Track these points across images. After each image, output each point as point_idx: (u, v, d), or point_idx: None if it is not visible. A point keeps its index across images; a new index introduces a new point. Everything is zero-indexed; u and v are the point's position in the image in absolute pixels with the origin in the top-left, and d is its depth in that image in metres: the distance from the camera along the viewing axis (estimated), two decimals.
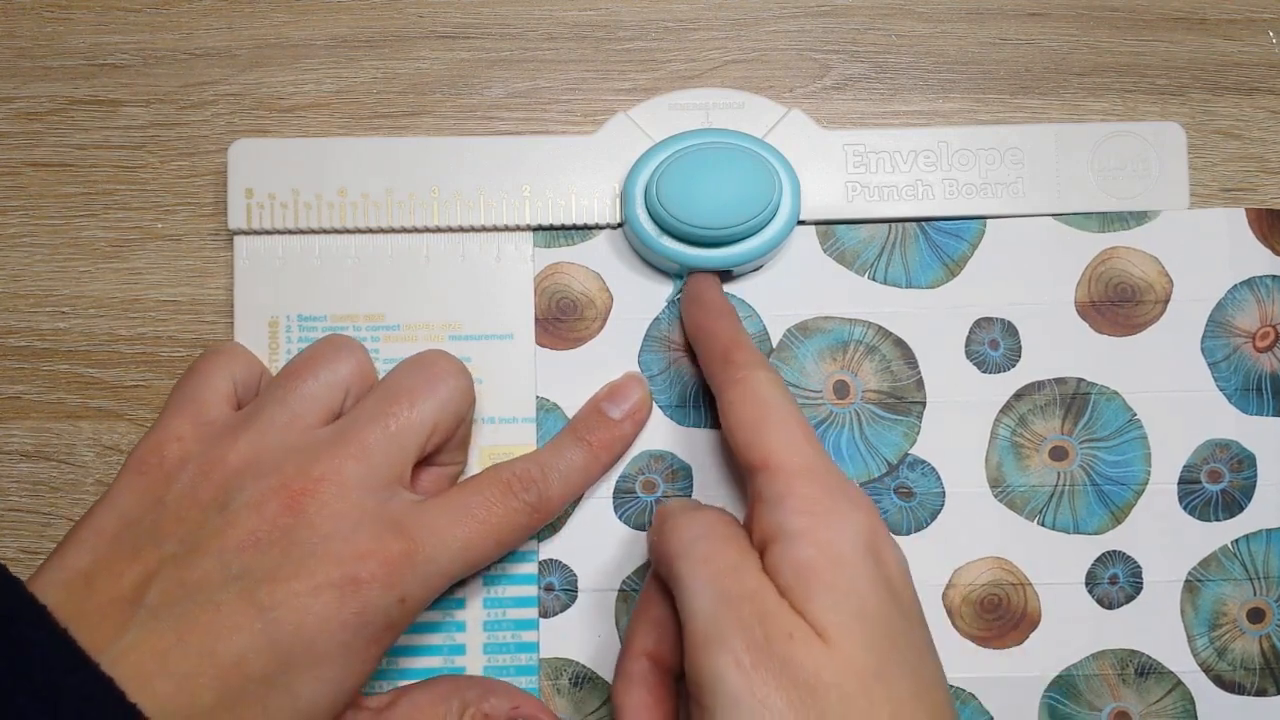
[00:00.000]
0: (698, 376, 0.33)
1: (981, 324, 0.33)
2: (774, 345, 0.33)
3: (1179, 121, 0.34)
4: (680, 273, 0.33)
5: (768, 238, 0.32)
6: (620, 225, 0.33)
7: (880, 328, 0.33)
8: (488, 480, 0.29)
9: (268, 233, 0.33)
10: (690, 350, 0.33)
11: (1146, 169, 0.33)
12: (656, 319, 0.33)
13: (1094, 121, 0.34)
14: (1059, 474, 0.33)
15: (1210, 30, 0.35)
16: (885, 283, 0.33)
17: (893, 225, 0.33)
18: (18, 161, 0.34)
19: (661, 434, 0.33)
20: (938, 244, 0.33)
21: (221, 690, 0.24)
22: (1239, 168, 0.34)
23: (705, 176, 0.31)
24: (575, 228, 0.33)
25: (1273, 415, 0.33)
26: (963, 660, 0.32)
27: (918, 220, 0.33)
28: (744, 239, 0.32)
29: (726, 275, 0.33)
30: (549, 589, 0.32)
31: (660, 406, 0.33)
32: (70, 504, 0.33)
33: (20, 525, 0.33)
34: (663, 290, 0.33)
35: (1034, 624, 0.32)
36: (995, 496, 0.33)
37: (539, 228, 0.33)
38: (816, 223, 0.33)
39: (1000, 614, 0.32)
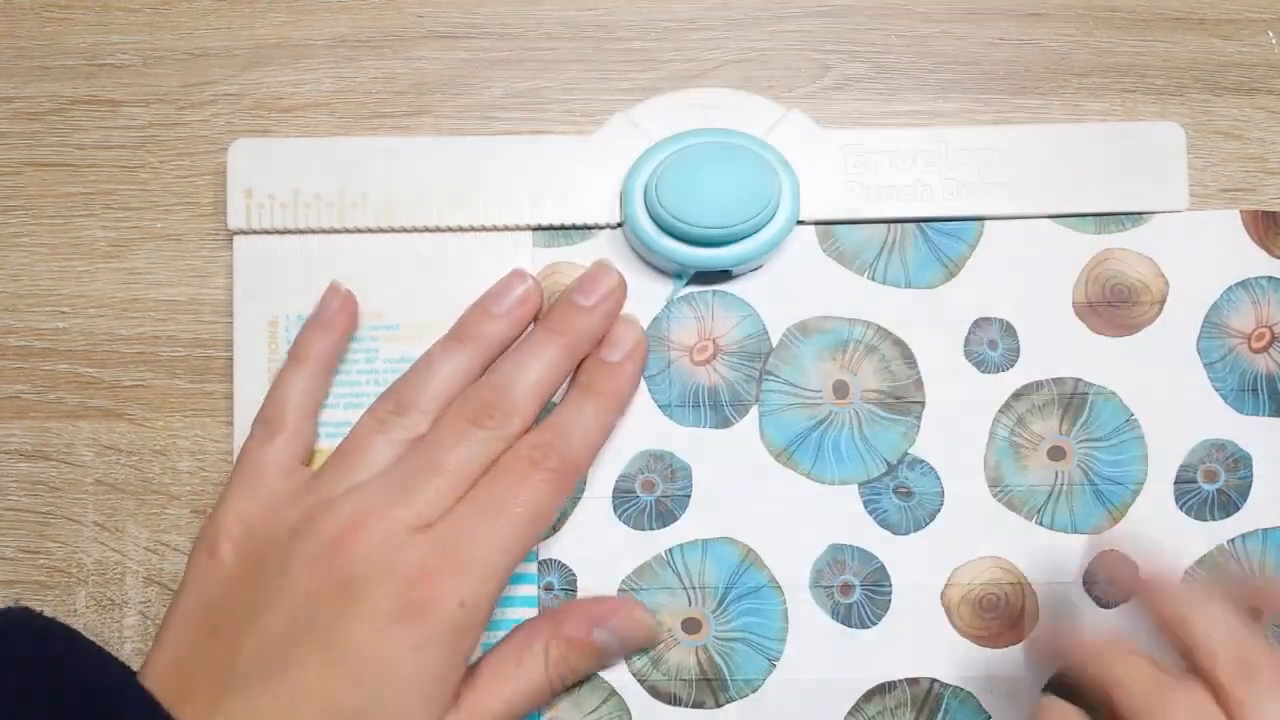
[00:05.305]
0: (697, 376, 0.33)
1: (980, 324, 0.33)
2: (774, 345, 0.33)
3: (1179, 121, 0.34)
4: (680, 273, 0.33)
5: (768, 238, 0.32)
6: (620, 225, 0.33)
7: (880, 327, 0.33)
8: (508, 463, 0.29)
9: (267, 232, 0.33)
10: (689, 350, 0.33)
11: (1146, 169, 0.33)
12: (656, 318, 0.33)
13: (1094, 121, 0.34)
14: (1057, 474, 0.33)
15: (1210, 30, 0.35)
16: (885, 283, 0.33)
17: (892, 225, 0.33)
18: (18, 161, 0.34)
19: (661, 433, 0.33)
20: (936, 244, 0.33)
21: None
22: (1239, 168, 0.34)
23: (705, 176, 0.31)
24: (575, 228, 0.33)
25: (1269, 415, 0.33)
26: (960, 659, 0.32)
27: (917, 220, 0.33)
28: (744, 239, 0.32)
29: (726, 275, 0.33)
30: (549, 589, 0.32)
31: (660, 406, 0.33)
32: (69, 503, 0.33)
33: (20, 525, 0.33)
34: (663, 290, 0.33)
35: (1032, 623, 0.32)
36: (994, 496, 0.33)
37: (539, 227, 0.33)
38: (816, 223, 0.33)
39: (998, 613, 0.32)
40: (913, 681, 0.32)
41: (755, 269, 0.33)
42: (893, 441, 0.33)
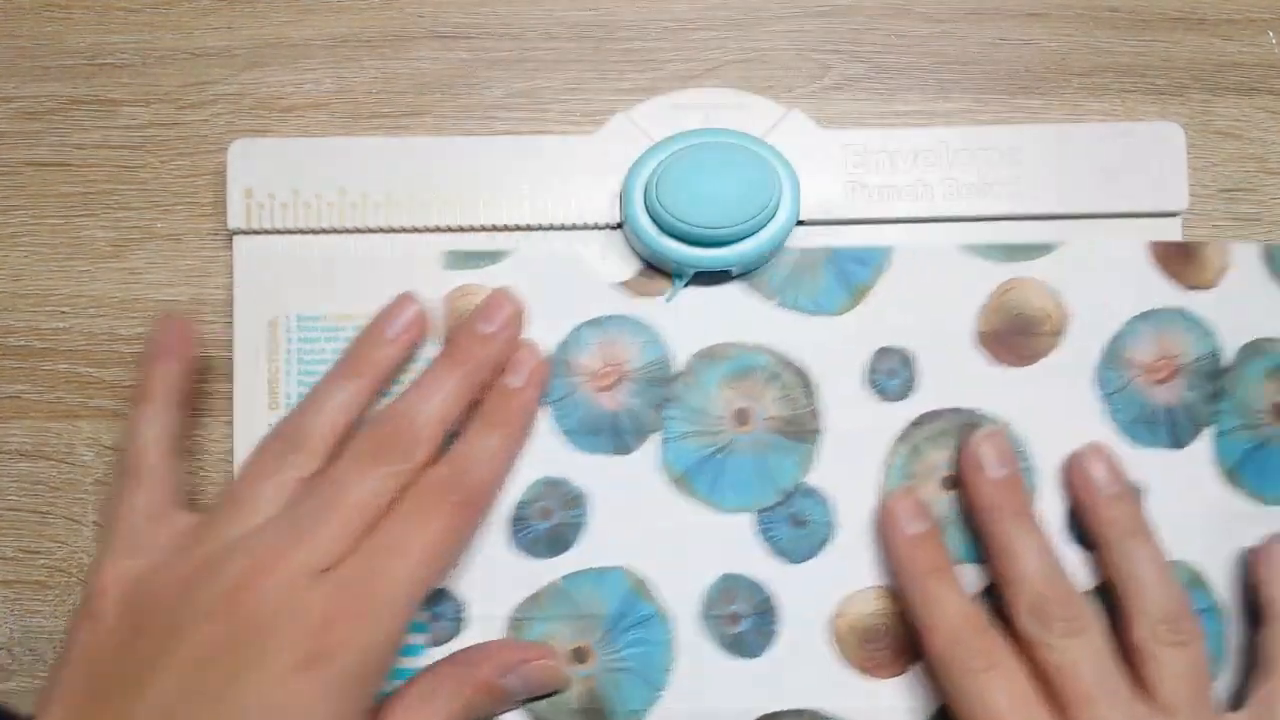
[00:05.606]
0: (600, 402, 0.32)
1: (883, 353, 0.33)
2: (678, 372, 0.32)
3: (1178, 121, 0.34)
4: (680, 272, 0.33)
5: (768, 238, 0.32)
6: (620, 225, 0.33)
7: (782, 355, 0.33)
8: (412, 499, 0.28)
9: (267, 232, 0.33)
10: (593, 375, 0.32)
11: (1146, 169, 0.33)
12: (562, 343, 0.32)
13: (1094, 121, 0.34)
14: (950, 503, 0.32)
15: (1210, 30, 0.35)
16: (794, 308, 0.33)
17: (802, 251, 0.33)
18: (18, 161, 0.34)
19: (559, 460, 0.32)
20: (844, 271, 0.33)
21: None
22: (1239, 168, 0.34)
23: (705, 176, 0.31)
24: (576, 228, 0.33)
25: (1167, 447, 0.32)
26: (846, 690, 0.32)
27: (916, 221, 0.33)
28: (744, 239, 0.32)
29: (726, 275, 0.33)
30: (435, 618, 0.32)
31: (562, 432, 0.32)
32: (69, 503, 0.33)
33: (19, 525, 0.33)
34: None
35: (917, 655, 0.32)
36: None
37: (539, 228, 0.33)
38: (816, 223, 0.33)
39: (885, 643, 0.32)
40: (798, 713, 0.31)
41: (755, 269, 0.33)
42: (789, 470, 0.32)
